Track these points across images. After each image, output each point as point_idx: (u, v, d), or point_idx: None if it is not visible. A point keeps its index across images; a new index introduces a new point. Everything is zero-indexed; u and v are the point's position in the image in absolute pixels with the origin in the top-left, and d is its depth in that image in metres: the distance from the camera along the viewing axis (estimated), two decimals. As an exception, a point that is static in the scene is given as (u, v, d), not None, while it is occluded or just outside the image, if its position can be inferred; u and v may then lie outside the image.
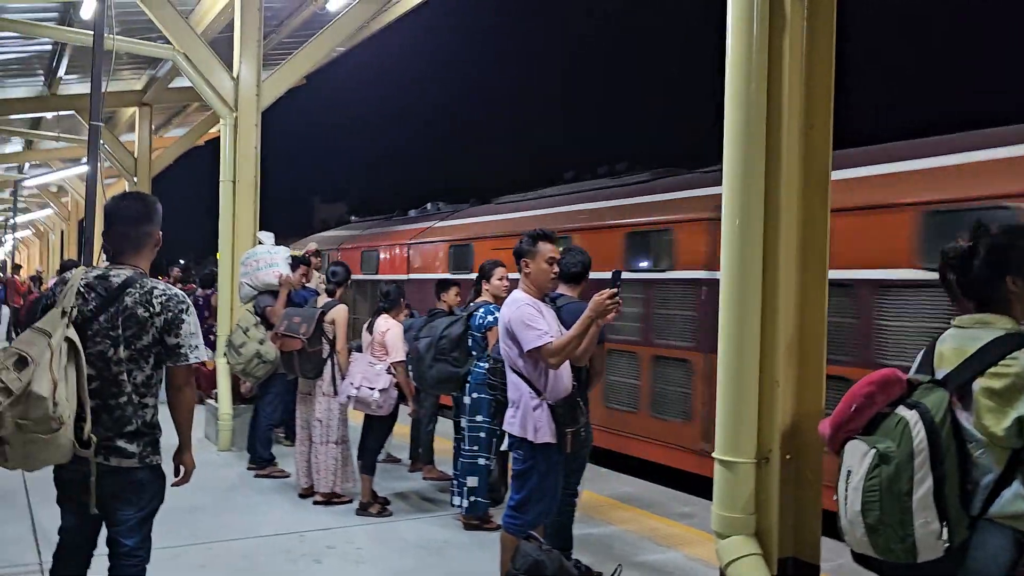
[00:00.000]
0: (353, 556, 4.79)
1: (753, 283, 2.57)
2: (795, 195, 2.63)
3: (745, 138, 2.55)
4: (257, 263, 6.59)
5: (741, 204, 2.58)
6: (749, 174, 2.56)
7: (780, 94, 2.57)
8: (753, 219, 2.57)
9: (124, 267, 3.15)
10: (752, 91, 2.54)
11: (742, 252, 2.59)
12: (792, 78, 2.61)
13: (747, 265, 2.58)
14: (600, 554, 4.90)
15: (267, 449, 6.68)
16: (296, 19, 10.36)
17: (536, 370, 3.81)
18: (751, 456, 2.60)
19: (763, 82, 2.56)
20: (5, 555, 4.65)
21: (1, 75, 11.90)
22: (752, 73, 2.55)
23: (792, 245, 2.63)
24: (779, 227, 2.59)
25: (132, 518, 3.11)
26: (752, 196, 2.57)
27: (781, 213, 2.59)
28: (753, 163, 2.55)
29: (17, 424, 2.77)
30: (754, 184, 2.57)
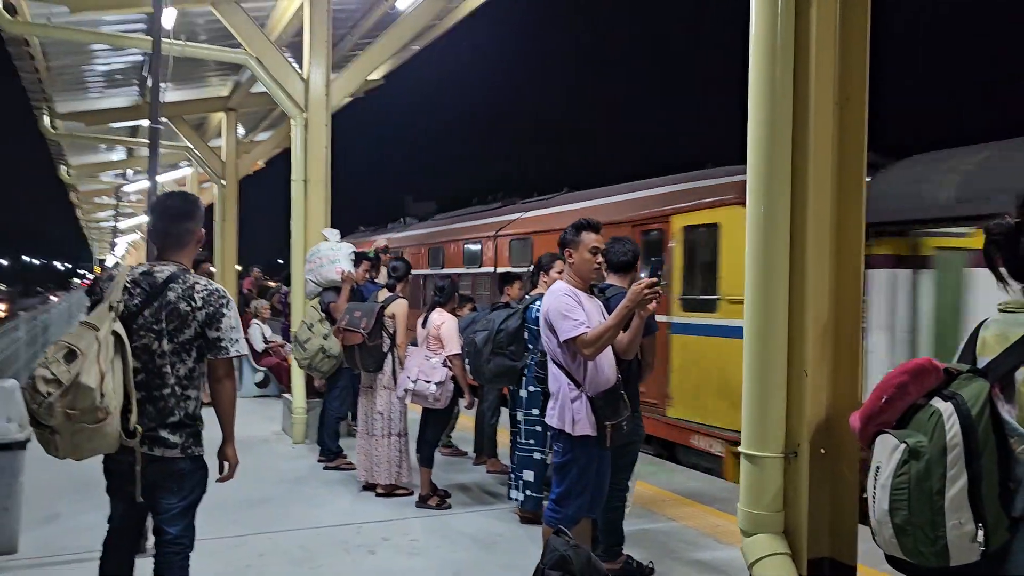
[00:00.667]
0: (407, 548, 4.84)
1: (779, 271, 2.44)
2: (827, 178, 2.48)
3: (769, 116, 2.42)
4: (321, 260, 6.74)
5: (766, 188, 2.45)
6: (774, 155, 2.43)
7: (808, 68, 2.42)
8: (779, 205, 2.43)
9: (168, 263, 3.26)
10: (778, 66, 2.41)
11: (767, 239, 2.46)
12: (822, 52, 2.46)
13: (772, 253, 2.45)
14: (655, 550, 4.79)
15: (335, 441, 6.83)
16: (369, 20, 10.54)
17: (575, 361, 3.75)
18: (778, 450, 2.47)
19: (789, 56, 2.42)
20: (82, 541, 4.88)
21: (102, 85, 12.55)
22: (777, 48, 2.41)
23: (824, 232, 2.48)
24: (807, 213, 2.45)
25: (175, 507, 3.22)
26: (777, 180, 2.43)
27: (809, 198, 2.44)
28: (778, 143, 2.42)
29: (66, 414, 2.90)
30: (779, 167, 2.43)
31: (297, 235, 8.09)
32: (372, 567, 4.52)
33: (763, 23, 2.46)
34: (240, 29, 7.96)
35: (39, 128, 12.94)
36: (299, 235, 8.08)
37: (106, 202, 28.05)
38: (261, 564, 4.54)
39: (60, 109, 12.53)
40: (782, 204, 2.43)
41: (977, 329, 2.27)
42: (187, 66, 11.87)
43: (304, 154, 8.04)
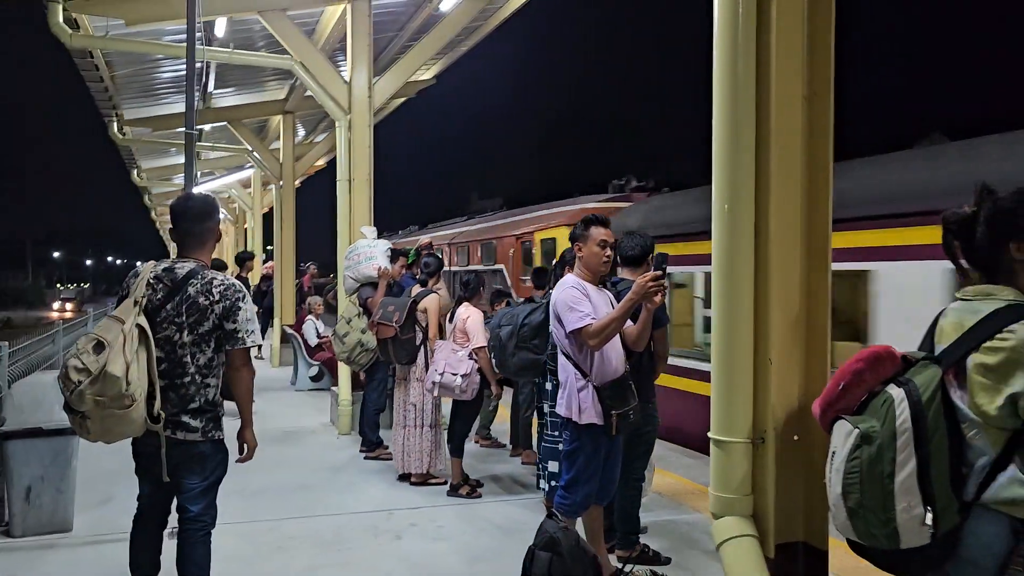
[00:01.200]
0: (432, 534, 5.01)
1: (743, 264, 2.49)
2: (796, 172, 2.52)
3: (731, 110, 2.47)
4: (358, 256, 6.96)
5: (729, 184, 2.49)
6: (736, 149, 2.47)
7: (769, 62, 2.46)
8: (742, 199, 2.47)
9: (188, 260, 3.49)
10: (740, 61, 2.45)
11: (731, 233, 2.50)
12: (786, 46, 2.49)
13: (736, 245, 2.49)
14: (676, 541, 4.85)
15: (375, 432, 7.05)
16: (415, 22, 10.76)
17: (581, 352, 3.85)
18: (745, 436, 2.52)
19: (751, 49, 2.45)
20: (131, 521, 5.22)
21: (166, 92, 13.12)
22: (739, 42, 2.45)
23: (792, 226, 2.52)
24: (770, 207, 2.49)
25: (197, 486, 3.44)
26: (740, 175, 2.47)
27: (772, 193, 2.48)
28: (741, 137, 2.46)
29: (96, 400, 3.15)
30: (741, 162, 2.47)
31: (342, 233, 8.35)
32: (396, 550, 4.70)
33: (725, 18, 2.52)
34: (286, 36, 8.26)
35: (109, 135, 13.60)
36: (344, 233, 8.34)
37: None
38: (291, 546, 4.77)
39: (127, 116, 13.15)
40: (745, 198, 2.48)
41: (937, 317, 2.30)
42: (245, 72, 12.35)
43: (348, 155, 8.30)
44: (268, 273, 15.61)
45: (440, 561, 4.54)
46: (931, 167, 6.10)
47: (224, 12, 8.26)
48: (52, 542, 4.79)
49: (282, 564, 4.49)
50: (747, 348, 2.52)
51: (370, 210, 8.42)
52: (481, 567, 4.46)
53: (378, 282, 6.80)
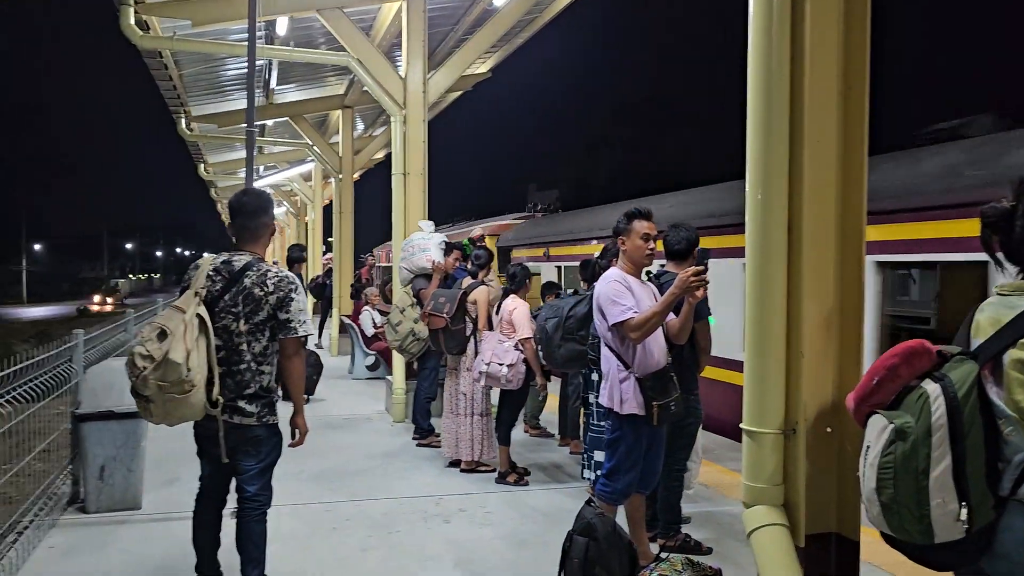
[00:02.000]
0: (480, 519, 5.15)
1: (776, 256, 2.52)
2: (830, 166, 2.54)
3: (765, 104, 2.50)
4: (412, 248, 7.13)
5: (763, 176, 2.52)
6: (770, 143, 2.49)
7: (803, 57, 2.49)
8: (775, 191, 2.50)
9: (244, 253, 3.68)
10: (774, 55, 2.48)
11: (764, 226, 2.53)
12: (820, 41, 2.52)
13: (769, 239, 2.52)
14: (719, 531, 4.88)
15: (426, 420, 7.23)
16: (469, 17, 10.89)
17: (623, 344, 3.92)
18: (776, 427, 2.56)
19: (786, 44, 2.49)
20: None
21: (232, 88, 13.54)
22: (774, 36, 2.49)
23: (826, 220, 2.54)
24: (803, 201, 2.52)
25: (253, 468, 3.64)
26: (774, 166, 2.51)
27: (805, 185, 2.51)
28: (775, 131, 2.49)
29: (158, 385, 3.36)
30: (775, 155, 2.50)
31: (397, 226, 8.55)
32: (444, 534, 4.85)
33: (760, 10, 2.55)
34: (343, 33, 8.46)
35: (177, 131, 14.10)
36: (399, 226, 8.54)
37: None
38: (345, 527, 4.96)
39: (195, 112, 13.61)
40: (778, 191, 2.51)
41: (974, 311, 2.30)
42: (306, 68, 12.67)
43: (403, 148, 8.48)
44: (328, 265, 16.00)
45: (486, 546, 4.67)
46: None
47: (284, 11, 8.50)
48: (124, 518, 5.07)
49: (335, 544, 4.68)
50: (780, 340, 2.56)
51: (424, 203, 8.59)
52: (525, 552, 4.57)
53: (431, 274, 6.96)
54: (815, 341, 2.56)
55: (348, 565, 4.38)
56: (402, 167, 8.52)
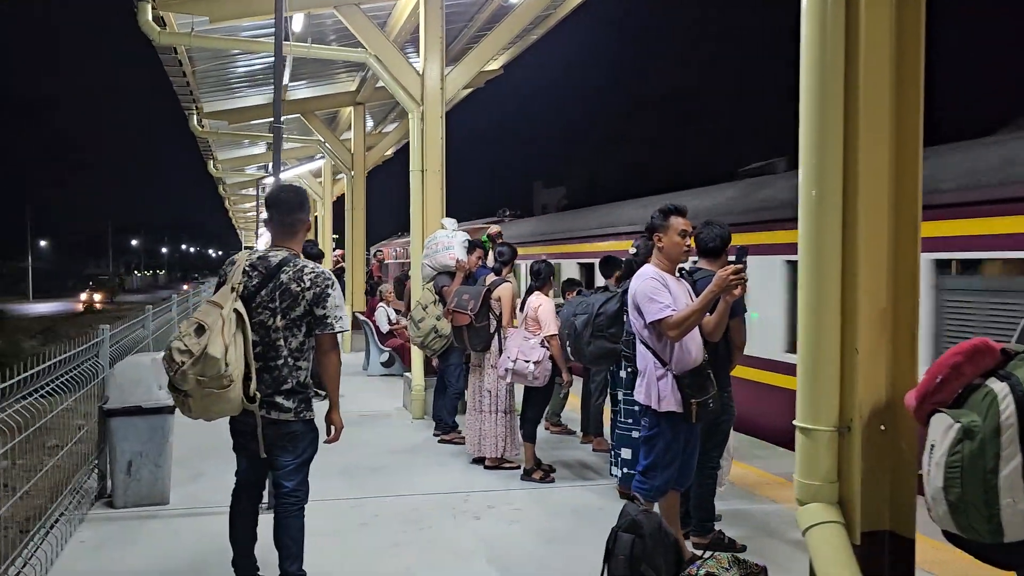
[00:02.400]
0: (509, 516, 5.13)
1: (831, 253, 2.49)
2: (884, 159, 2.52)
3: (820, 98, 2.48)
4: (436, 246, 7.13)
5: (817, 173, 2.50)
6: (825, 138, 2.47)
7: (857, 45, 2.47)
8: (830, 188, 2.48)
9: (280, 249, 3.66)
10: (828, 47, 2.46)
11: (818, 223, 2.51)
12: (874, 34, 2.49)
13: (824, 235, 2.50)
14: (753, 529, 4.87)
15: (452, 416, 7.23)
16: (484, 13, 10.87)
17: (660, 341, 3.90)
18: (831, 424, 2.54)
19: (840, 36, 2.46)
20: (224, 497, 5.42)
21: (242, 86, 13.53)
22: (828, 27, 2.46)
23: (880, 215, 2.52)
24: (858, 196, 2.50)
25: (291, 463, 3.62)
26: (828, 161, 2.48)
27: (860, 180, 2.49)
28: (829, 126, 2.47)
29: (197, 380, 3.34)
30: (830, 148, 2.48)
31: (415, 222, 8.53)
32: (475, 531, 4.84)
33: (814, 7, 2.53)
34: (360, 29, 8.44)
35: (189, 127, 14.10)
36: (417, 222, 8.52)
37: (249, 194, 30.10)
38: (376, 523, 4.95)
39: (206, 109, 13.60)
40: (833, 186, 2.49)
41: None
42: (317, 65, 12.65)
43: (421, 145, 8.45)
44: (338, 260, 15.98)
45: (518, 542, 4.66)
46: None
47: (303, 8, 8.50)
48: (151, 513, 5.07)
49: (368, 540, 4.67)
50: (834, 337, 2.53)
51: (442, 200, 8.57)
52: (558, 549, 4.56)
53: (454, 271, 6.95)
54: (869, 338, 2.54)
55: (383, 560, 4.37)
56: (420, 164, 8.50)
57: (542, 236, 14.33)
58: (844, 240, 2.51)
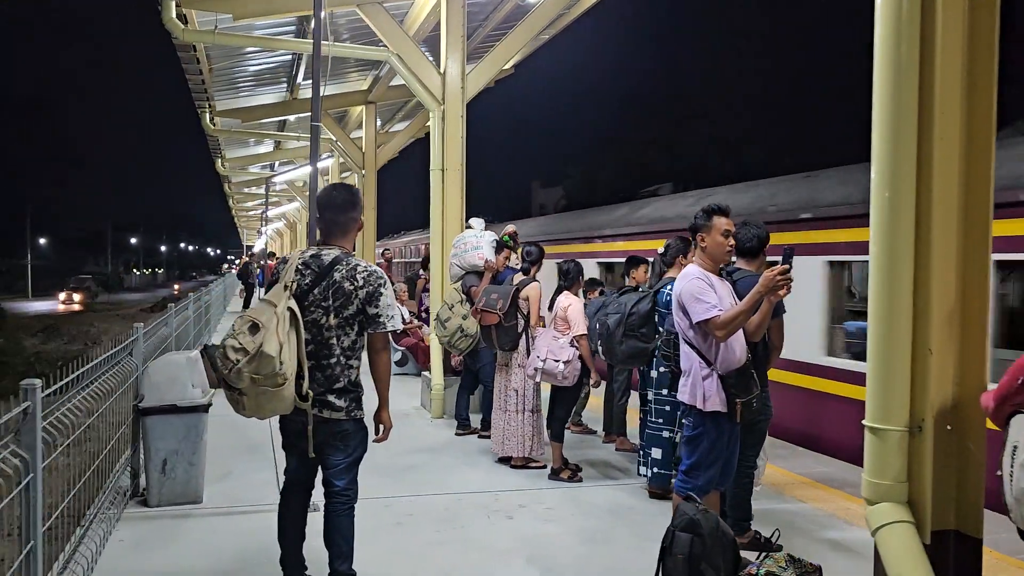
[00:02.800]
0: (543, 515, 5.15)
1: (903, 254, 2.52)
2: (954, 163, 2.54)
3: (894, 102, 2.50)
4: (465, 246, 7.14)
5: (891, 175, 2.53)
6: (898, 141, 2.50)
7: (933, 54, 2.49)
8: (903, 191, 2.50)
9: (333, 248, 3.67)
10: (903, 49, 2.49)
11: (891, 223, 2.54)
12: (948, 38, 2.52)
13: (897, 236, 2.53)
14: (783, 528, 4.86)
15: (489, 412, 7.26)
16: (500, 12, 10.89)
17: (706, 341, 3.92)
18: (902, 424, 2.56)
19: (915, 39, 2.49)
20: (256, 495, 5.50)
21: (253, 84, 13.54)
22: (902, 29, 2.49)
23: (950, 217, 2.55)
24: (932, 199, 2.52)
25: (342, 462, 3.63)
26: (902, 166, 2.51)
27: (934, 183, 2.51)
28: (903, 129, 2.50)
29: (252, 378, 3.34)
30: (904, 153, 2.50)
31: (435, 221, 8.54)
32: (511, 530, 4.85)
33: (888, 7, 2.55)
34: (383, 28, 8.45)
35: (201, 125, 14.10)
36: (437, 221, 8.53)
37: (253, 192, 30.12)
38: (411, 522, 4.96)
39: (219, 107, 13.61)
40: (907, 189, 2.51)
41: None
42: (331, 63, 12.66)
43: (442, 144, 8.46)
44: None
45: (555, 541, 4.67)
46: None
47: (327, 6, 8.48)
48: (186, 512, 5.07)
49: (405, 538, 4.68)
50: (906, 339, 2.56)
51: (462, 199, 8.58)
52: (596, 548, 4.58)
53: (482, 271, 6.97)
54: (940, 339, 2.56)
55: (424, 559, 4.39)
56: (440, 163, 8.51)
57: (559, 235, 14.26)
58: (916, 241, 2.53)
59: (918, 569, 2.46)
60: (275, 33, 10.55)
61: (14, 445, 2.75)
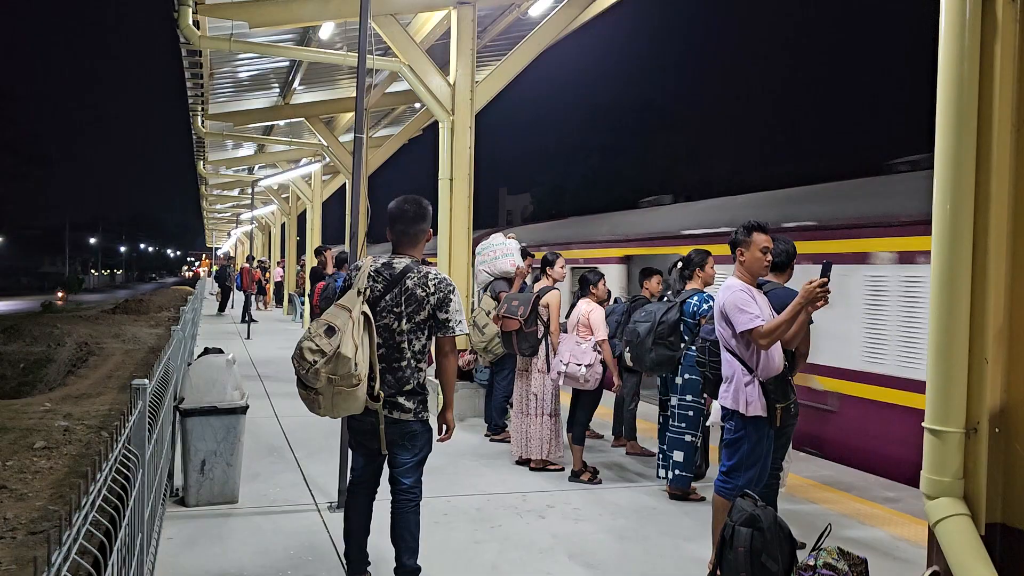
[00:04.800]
0: (571, 515, 5.35)
1: (963, 267, 2.80)
2: (1006, 187, 2.83)
3: (956, 133, 2.78)
4: (495, 252, 7.37)
5: (952, 194, 2.81)
6: (959, 166, 2.79)
7: (992, 95, 2.79)
8: (963, 209, 2.79)
9: (403, 256, 3.85)
10: (964, 92, 2.78)
11: (952, 238, 2.82)
12: (1004, 81, 2.82)
13: (956, 250, 2.81)
14: (804, 527, 5.13)
15: (502, 418, 7.48)
16: (499, 24, 11.11)
17: (748, 350, 4.16)
18: (960, 426, 2.83)
19: (975, 83, 2.79)
20: (288, 496, 5.62)
21: (246, 88, 13.56)
22: (964, 76, 2.78)
23: (1002, 234, 2.83)
24: (988, 216, 2.80)
25: (409, 461, 3.81)
26: (962, 188, 2.79)
27: (991, 203, 2.80)
28: (963, 157, 2.78)
29: (328, 379, 3.51)
30: (964, 176, 2.79)
31: (443, 229, 8.72)
32: (545, 528, 5.05)
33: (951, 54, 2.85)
34: (395, 39, 8.60)
35: (192, 128, 14.08)
36: (444, 229, 8.71)
37: (226, 195, 29.94)
38: (447, 522, 5.13)
39: (211, 110, 13.61)
40: (966, 212, 2.80)
41: None
42: (320, 70, 12.77)
43: (450, 154, 8.65)
44: None
45: (590, 539, 4.88)
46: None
47: (341, 17, 8.62)
48: (226, 512, 5.18)
49: (445, 537, 4.85)
50: (963, 347, 2.83)
51: (469, 208, 8.78)
52: (632, 546, 4.79)
53: (511, 277, 7.21)
54: (995, 349, 2.84)
55: (467, 557, 4.56)
56: (449, 172, 8.70)
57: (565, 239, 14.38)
58: (974, 262, 2.82)
59: (978, 557, 2.72)
60: (275, 41, 10.64)
61: (126, 444, 2.87)
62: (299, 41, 10.92)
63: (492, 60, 11.80)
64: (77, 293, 66.76)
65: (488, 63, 11.72)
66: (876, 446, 7.02)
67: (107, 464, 2.34)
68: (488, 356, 7.29)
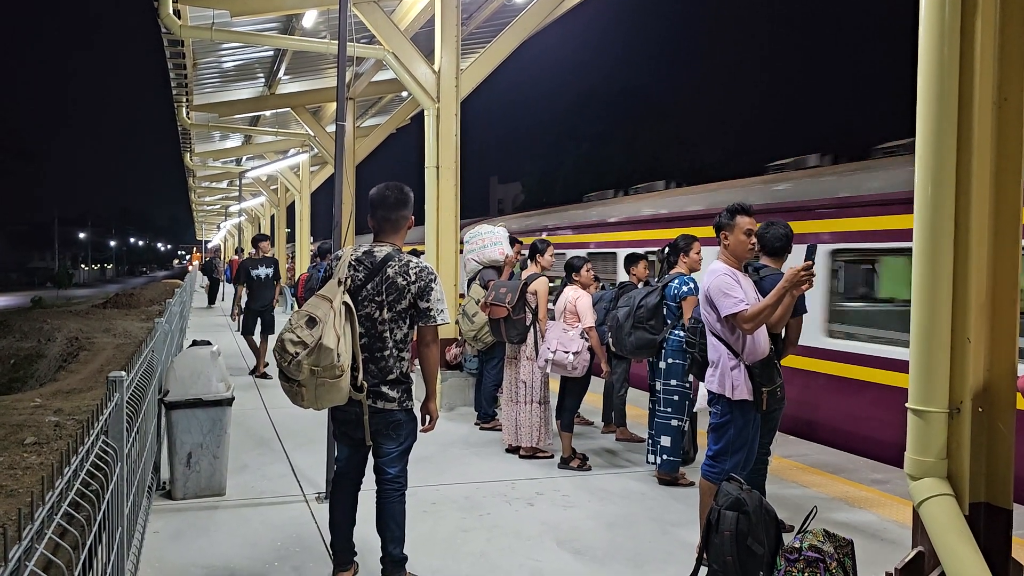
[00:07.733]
0: (561, 501, 5.35)
1: (944, 247, 2.78)
2: (987, 166, 2.81)
3: (937, 112, 2.76)
4: (483, 241, 7.34)
5: (933, 174, 2.79)
6: (940, 146, 2.76)
7: (972, 72, 2.77)
8: (944, 189, 2.77)
9: (384, 244, 3.81)
10: (944, 70, 2.76)
11: (933, 218, 2.80)
12: (984, 57, 2.80)
13: (938, 231, 2.79)
14: (793, 511, 5.15)
15: (491, 407, 7.46)
16: (485, 11, 11.04)
17: (733, 334, 4.15)
18: (943, 407, 2.82)
19: (955, 60, 2.76)
20: (276, 487, 5.60)
21: (231, 79, 13.45)
22: (944, 54, 2.76)
23: (983, 213, 2.82)
24: (970, 196, 2.78)
25: (394, 451, 3.79)
26: (944, 167, 2.77)
27: (972, 183, 2.77)
28: (944, 136, 2.76)
29: (311, 370, 3.48)
30: (946, 155, 2.77)
31: (430, 218, 8.67)
32: (534, 516, 5.04)
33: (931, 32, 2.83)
34: (378, 27, 8.54)
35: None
36: (431, 218, 8.67)
37: (215, 187, 29.76)
38: (435, 511, 5.12)
39: (196, 101, 13.51)
40: (947, 192, 2.79)
41: None
42: (306, 59, 12.67)
43: (436, 142, 8.59)
44: None
45: (579, 526, 4.87)
46: None
47: (321, 5, 8.54)
48: (213, 504, 5.15)
49: (433, 526, 4.84)
50: (946, 327, 2.82)
51: (456, 197, 8.73)
52: (620, 531, 4.79)
53: (500, 266, 7.18)
54: (977, 328, 2.82)
55: (457, 545, 4.55)
56: (434, 161, 8.64)
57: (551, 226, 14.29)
58: (955, 241, 2.80)
59: (962, 536, 2.72)
60: (260, 29, 10.54)
61: (104, 436, 2.84)
62: (283, 30, 10.84)
63: (478, 47, 11.73)
64: (67, 288, 66.45)
65: (474, 50, 11.64)
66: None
67: (75, 459, 2.31)
68: (478, 344, 7.27)
